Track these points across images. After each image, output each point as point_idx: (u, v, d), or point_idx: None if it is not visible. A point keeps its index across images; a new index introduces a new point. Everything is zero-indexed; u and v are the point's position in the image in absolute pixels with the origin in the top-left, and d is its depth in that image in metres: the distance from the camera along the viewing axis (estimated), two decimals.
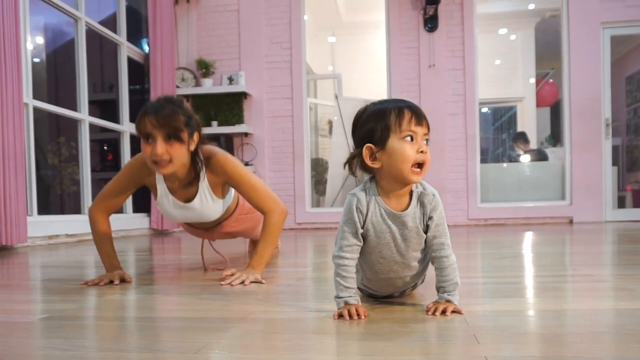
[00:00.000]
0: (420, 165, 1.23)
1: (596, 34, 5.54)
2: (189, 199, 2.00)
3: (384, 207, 1.28)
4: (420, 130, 1.23)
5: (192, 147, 1.86)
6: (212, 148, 1.99)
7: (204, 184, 1.97)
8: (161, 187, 1.98)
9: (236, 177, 1.97)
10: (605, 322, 1.19)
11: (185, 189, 1.97)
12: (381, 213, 1.28)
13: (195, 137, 1.86)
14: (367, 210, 1.28)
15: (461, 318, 1.23)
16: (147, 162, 1.82)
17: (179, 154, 1.80)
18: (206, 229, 2.29)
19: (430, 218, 1.29)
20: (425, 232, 1.30)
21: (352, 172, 1.29)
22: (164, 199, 2.00)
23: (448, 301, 1.29)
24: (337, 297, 1.29)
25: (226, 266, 2.27)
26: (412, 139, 1.22)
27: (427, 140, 1.26)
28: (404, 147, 1.22)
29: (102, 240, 1.99)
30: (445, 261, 1.30)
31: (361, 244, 1.30)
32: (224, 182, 2.01)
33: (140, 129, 1.76)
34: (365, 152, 1.26)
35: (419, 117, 1.24)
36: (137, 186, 2.01)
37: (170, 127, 1.75)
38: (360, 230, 1.29)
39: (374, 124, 1.25)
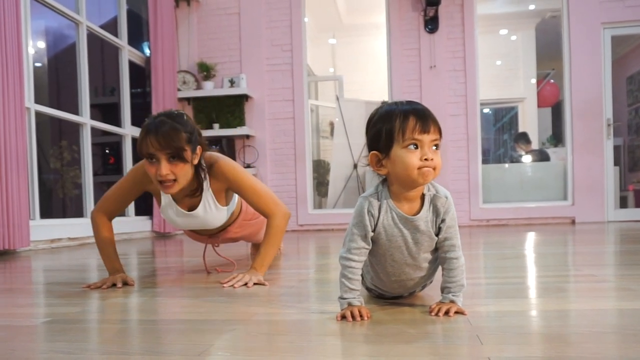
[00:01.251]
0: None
1: (596, 34, 5.54)
2: (192, 208, 2.01)
3: (395, 211, 1.27)
4: (426, 138, 1.19)
5: (196, 161, 1.87)
6: (214, 155, 1.99)
7: (207, 192, 1.98)
8: (165, 196, 1.99)
9: (238, 182, 1.97)
10: (608, 323, 1.19)
11: (189, 198, 1.99)
12: (393, 217, 1.27)
13: (198, 150, 1.86)
14: (379, 214, 1.27)
15: (464, 319, 1.22)
16: (152, 181, 1.82)
17: (183, 173, 1.80)
18: (210, 235, 2.29)
19: (442, 221, 1.28)
20: (437, 235, 1.29)
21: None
22: (168, 208, 2.02)
23: (452, 302, 1.29)
24: (341, 297, 1.29)
25: (234, 268, 2.27)
26: (416, 147, 1.19)
27: (436, 145, 1.22)
28: (406, 156, 1.19)
29: (105, 244, 1.99)
30: (455, 262, 1.30)
31: (369, 247, 1.30)
32: (226, 188, 2.02)
33: (142, 149, 1.75)
34: (371, 159, 1.26)
35: (425, 124, 1.19)
36: (140, 193, 2.02)
37: (173, 149, 1.74)
38: (370, 234, 1.28)
39: (380, 128, 1.23)
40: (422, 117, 1.20)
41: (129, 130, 5.36)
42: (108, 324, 1.35)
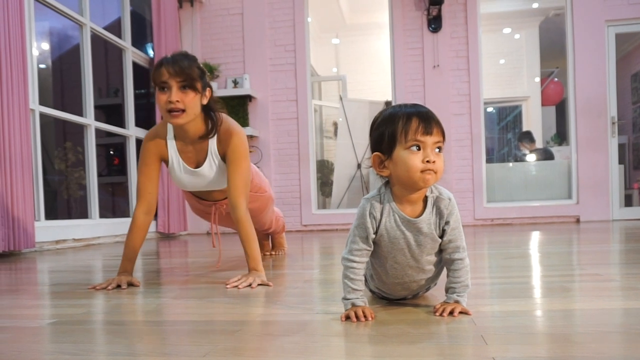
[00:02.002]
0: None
1: (600, 31, 5.52)
2: (198, 165, 2.04)
3: (398, 214, 1.27)
4: (429, 140, 1.19)
5: (205, 101, 1.93)
6: (228, 117, 2.06)
7: (212, 149, 2.01)
8: (172, 151, 2.02)
9: (234, 151, 1.99)
10: (613, 322, 1.19)
11: (195, 149, 2.01)
12: (395, 219, 1.27)
13: (208, 92, 1.94)
14: (381, 216, 1.27)
15: (469, 319, 1.22)
16: (162, 112, 1.88)
17: (192, 104, 1.87)
18: (215, 202, 2.29)
19: (447, 223, 1.28)
20: (441, 237, 1.29)
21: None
22: (174, 164, 2.04)
23: (456, 302, 1.29)
24: (345, 298, 1.29)
25: (218, 266, 2.28)
26: (419, 148, 1.20)
27: (439, 148, 1.22)
28: (409, 157, 1.19)
29: (131, 246, 2.01)
30: (460, 263, 1.30)
31: (371, 249, 1.30)
32: (224, 152, 2.03)
33: (156, 78, 1.83)
34: (373, 160, 1.26)
35: (428, 125, 1.19)
36: (159, 161, 2.05)
37: (186, 76, 1.82)
38: (372, 236, 1.28)
39: (383, 130, 1.23)
40: (426, 119, 1.20)
41: (133, 132, 5.37)
42: (113, 325, 1.35)
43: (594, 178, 5.56)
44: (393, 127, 1.21)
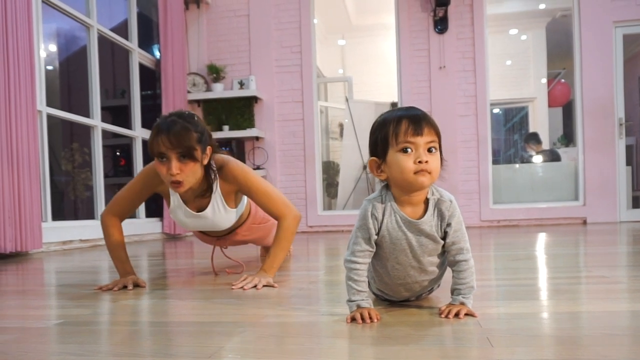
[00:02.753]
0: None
1: (608, 32, 5.50)
2: (201, 209, 2.02)
3: (400, 214, 1.27)
4: (420, 140, 1.20)
5: (205, 162, 1.88)
6: (224, 157, 2.01)
7: (216, 194, 1.99)
8: (174, 197, 2.01)
9: (248, 185, 1.98)
10: (620, 325, 1.18)
11: (198, 199, 2.00)
12: (397, 220, 1.27)
13: (208, 150, 1.88)
14: (383, 217, 1.28)
15: (474, 321, 1.22)
16: (163, 180, 1.84)
17: (192, 172, 1.82)
18: (218, 237, 2.30)
19: (448, 225, 1.28)
20: (444, 239, 1.29)
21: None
22: (177, 209, 2.03)
23: (462, 304, 1.28)
24: (349, 300, 1.29)
25: (242, 269, 2.28)
26: (411, 150, 1.21)
27: (434, 148, 1.22)
28: (401, 159, 1.21)
29: (115, 246, 2.01)
30: (464, 265, 1.30)
31: (373, 250, 1.30)
32: (236, 191, 2.03)
33: (154, 149, 1.77)
34: (370, 165, 1.28)
35: (418, 126, 1.20)
36: (150, 194, 2.03)
37: (184, 148, 1.76)
38: (374, 237, 1.28)
39: (377, 135, 1.26)
40: (415, 121, 1.21)
41: (139, 133, 5.40)
42: (119, 326, 1.36)
43: (601, 179, 5.53)
44: (385, 131, 1.23)
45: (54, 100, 5.80)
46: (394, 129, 1.21)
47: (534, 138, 7.30)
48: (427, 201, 1.29)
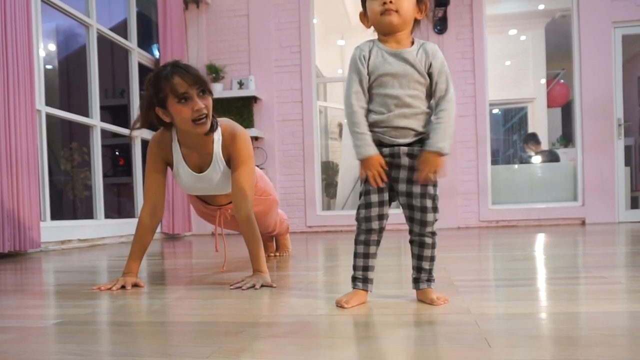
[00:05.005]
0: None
1: (607, 33, 5.50)
2: (202, 169, 2.04)
3: (385, 49, 1.40)
4: None
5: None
6: (231, 121, 2.08)
7: (217, 153, 2.01)
8: (177, 155, 2.03)
9: (238, 152, 2.00)
10: (618, 325, 1.18)
11: (200, 153, 2.02)
12: (383, 54, 1.39)
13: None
14: (370, 55, 1.40)
15: (472, 321, 1.22)
16: (185, 126, 1.87)
17: (211, 107, 1.91)
18: (219, 207, 2.30)
19: (431, 65, 1.38)
20: (429, 74, 1.38)
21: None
22: (179, 168, 2.05)
23: (438, 151, 1.34)
24: (356, 146, 1.40)
25: (223, 268, 2.29)
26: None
27: None
28: (370, 4, 1.39)
29: (137, 242, 2.02)
30: (440, 111, 1.37)
31: (367, 94, 1.40)
32: (229, 155, 2.04)
33: (176, 90, 1.81)
34: (359, 16, 1.47)
35: None
36: (164, 166, 2.07)
37: (202, 82, 1.85)
38: (366, 77, 1.39)
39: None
40: None
41: (138, 132, 5.37)
42: (118, 326, 1.36)
43: (600, 180, 5.53)
44: None
45: (53, 99, 5.79)
46: None
47: (533, 138, 7.30)
48: (413, 42, 1.42)
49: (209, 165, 2.04)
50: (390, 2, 1.34)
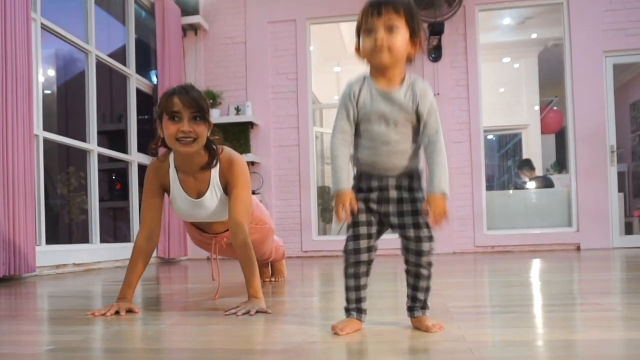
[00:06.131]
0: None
1: (599, 62, 5.59)
2: (200, 195, 2.05)
3: (374, 87, 1.40)
4: (378, 22, 1.34)
5: (208, 133, 1.96)
6: (228, 148, 2.11)
7: (214, 179, 2.03)
8: (174, 181, 2.04)
9: (237, 174, 2.03)
10: (614, 353, 1.18)
11: (197, 179, 2.03)
12: (371, 91, 1.40)
13: (210, 125, 1.97)
14: (360, 92, 1.40)
15: (467, 348, 1.22)
16: (170, 142, 1.90)
17: (203, 134, 1.91)
18: (215, 235, 2.30)
19: (420, 102, 1.39)
20: (417, 115, 1.39)
21: None
22: (176, 194, 2.06)
23: (441, 193, 1.35)
24: (335, 184, 1.41)
25: (216, 294, 2.27)
26: (373, 31, 1.35)
27: (394, 27, 1.35)
28: (364, 40, 1.38)
29: (131, 269, 2.02)
30: (435, 151, 1.38)
31: (353, 129, 1.42)
32: (226, 182, 2.05)
33: (168, 107, 1.85)
34: (355, 48, 1.43)
35: (376, 10, 1.34)
36: (161, 190, 2.08)
37: (199, 107, 1.87)
38: (353, 113, 1.40)
39: (357, 22, 1.41)
40: (376, 5, 1.35)
41: (135, 157, 5.41)
42: (112, 352, 1.35)
43: (594, 206, 5.56)
44: (359, 17, 1.39)
45: (51, 124, 5.82)
46: (362, 15, 1.37)
47: (527, 164, 7.36)
48: (404, 80, 1.41)
49: (206, 190, 2.05)
50: (382, 39, 1.34)
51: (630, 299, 2.04)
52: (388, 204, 1.42)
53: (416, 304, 1.45)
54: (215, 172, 2.04)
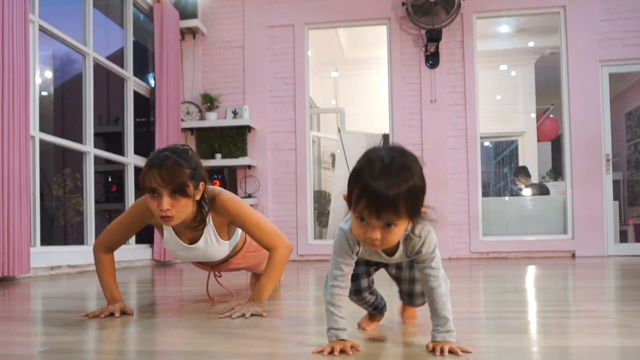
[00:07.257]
0: None
1: (595, 71, 5.63)
2: (194, 241, 2.03)
3: (372, 250, 1.29)
4: (375, 222, 1.11)
5: (198, 197, 1.87)
6: (215, 189, 2.01)
7: (209, 227, 1.99)
8: (167, 230, 2.01)
9: (240, 216, 1.98)
10: None
11: (190, 230, 1.99)
12: (370, 251, 1.30)
13: (201, 186, 1.85)
14: (359, 247, 1.28)
15: (461, 354, 1.21)
16: (154, 213, 1.83)
17: (184, 208, 1.80)
18: (212, 266, 2.30)
19: (417, 254, 1.27)
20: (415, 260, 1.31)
21: None
22: (170, 241, 2.03)
23: (444, 340, 1.23)
24: (331, 328, 1.26)
25: (232, 298, 2.26)
26: (366, 222, 1.13)
27: (393, 224, 1.12)
28: (356, 222, 1.16)
29: (104, 274, 1.99)
30: (433, 293, 1.27)
31: (351, 271, 1.31)
32: (229, 223, 2.03)
33: (145, 183, 1.75)
34: (344, 197, 1.20)
35: (375, 209, 1.09)
36: (142, 227, 2.03)
37: (175, 184, 1.74)
38: (353, 260, 1.29)
39: (349, 182, 1.16)
40: (377, 202, 1.09)
41: (132, 159, 5.40)
42: (105, 354, 1.34)
43: (589, 214, 5.58)
44: (351, 190, 1.15)
45: (48, 125, 5.81)
46: (355, 198, 1.12)
47: (524, 171, 7.38)
48: (398, 243, 1.26)
49: (200, 236, 2.01)
50: (377, 239, 1.14)
51: (624, 306, 2.04)
52: (387, 265, 1.48)
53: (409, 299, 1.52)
54: (209, 220, 1.98)
